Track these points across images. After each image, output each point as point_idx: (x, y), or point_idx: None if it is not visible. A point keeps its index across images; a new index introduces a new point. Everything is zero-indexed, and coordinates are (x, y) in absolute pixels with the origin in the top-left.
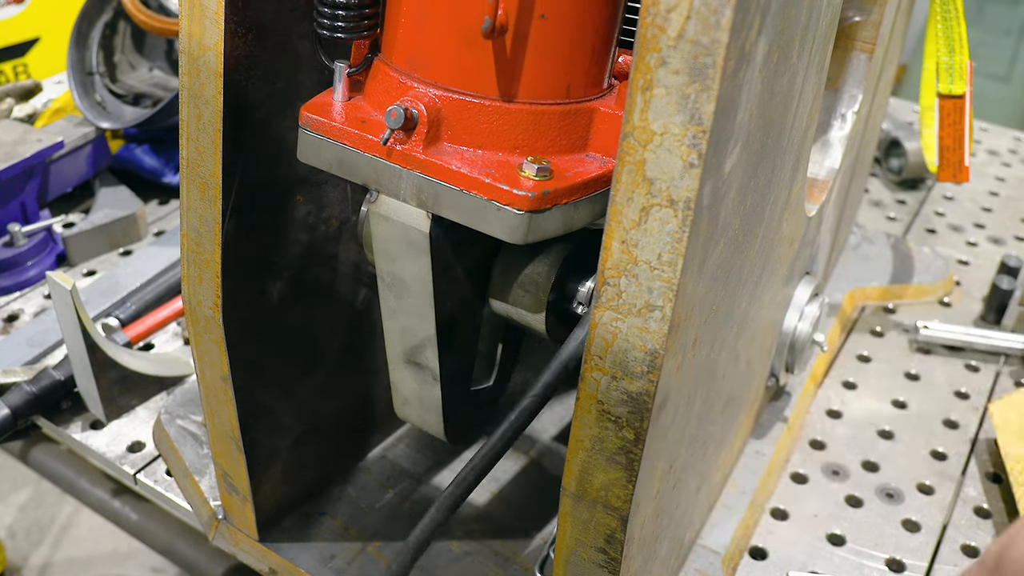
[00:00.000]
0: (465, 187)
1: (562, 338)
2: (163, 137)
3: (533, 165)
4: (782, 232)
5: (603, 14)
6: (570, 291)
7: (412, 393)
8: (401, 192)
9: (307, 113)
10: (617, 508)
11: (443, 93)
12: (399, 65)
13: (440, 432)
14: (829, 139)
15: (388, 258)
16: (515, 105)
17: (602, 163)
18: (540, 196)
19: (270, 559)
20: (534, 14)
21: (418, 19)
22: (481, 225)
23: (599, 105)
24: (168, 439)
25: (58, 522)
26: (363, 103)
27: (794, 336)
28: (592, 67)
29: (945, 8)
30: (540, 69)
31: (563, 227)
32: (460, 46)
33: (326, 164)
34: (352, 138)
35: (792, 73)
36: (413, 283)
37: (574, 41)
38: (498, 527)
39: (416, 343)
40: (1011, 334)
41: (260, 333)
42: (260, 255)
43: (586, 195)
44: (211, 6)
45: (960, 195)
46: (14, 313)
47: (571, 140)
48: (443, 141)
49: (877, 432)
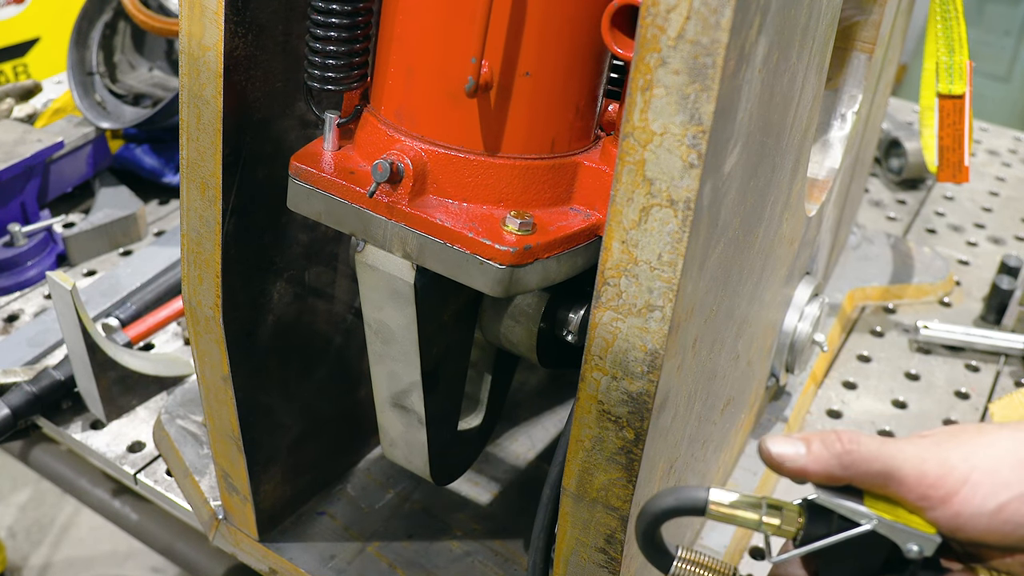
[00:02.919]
0: (448, 240)
1: (553, 365)
2: (163, 137)
3: (516, 220)
4: (782, 232)
5: (588, 70)
6: (561, 318)
7: (399, 435)
8: (387, 243)
9: (296, 163)
10: (617, 508)
11: (429, 147)
12: (387, 118)
13: (426, 473)
14: (829, 139)
15: (374, 306)
16: (499, 160)
17: (586, 216)
18: (521, 251)
19: (270, 559)
20: (518, 71)
21: (405, 75)
22: (463, 277)
23: (584, 159)
24: (168, 439)
25: (58, 522)
26: (352, 152)
27: (794, 336)
28: (577, 122)
29: (945, 8)
30: (524, 125)
31: (545, 280)
32: (446, 102)
33: (315, 214)
34: (340, 189)
35: (792, 73)
36: (399, 330)
37: (558, 97)
38: (498, 527)
39: (402, 388)
40: (1011, 334)
41: (260, 333)
42: (260, 255)
43: (569, 248)
44: (211, 6)
45: (960, 195)
46: (14, 313)
47: (555, 193)
48: (428, 194)
49: (877, 432)
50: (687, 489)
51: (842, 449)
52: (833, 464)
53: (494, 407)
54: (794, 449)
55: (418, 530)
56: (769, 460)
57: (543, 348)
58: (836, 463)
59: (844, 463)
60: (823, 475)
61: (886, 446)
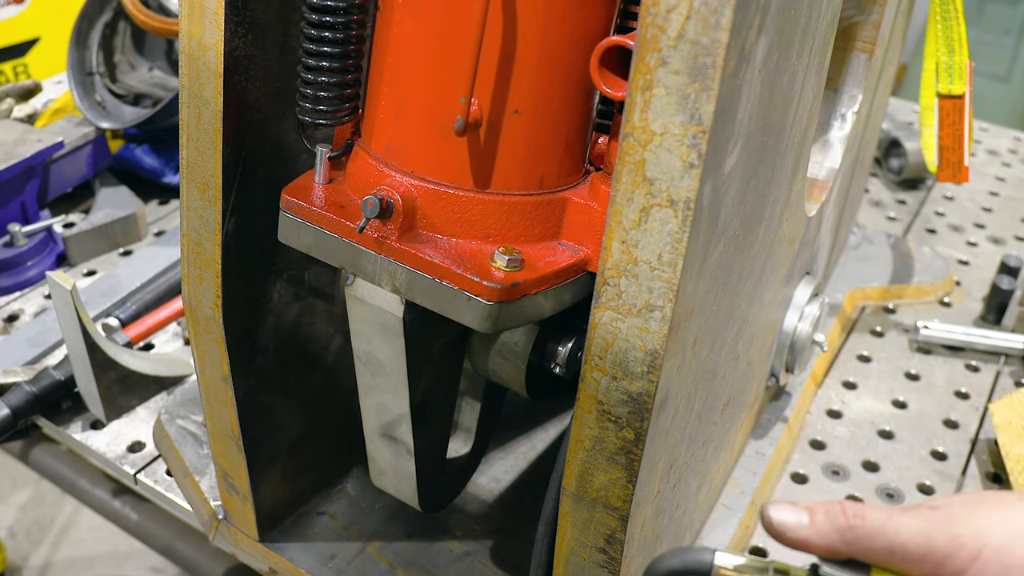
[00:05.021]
0: (437, 276)
1: (542, 396)
2: (163, 137)
3: (504, 256)
4: (782, 232)
5: (577, 107)
6: (550, 351)
7: (387, 465)
8: (376, 277)
9: (287, 196)
10: (617, 508)
11: (419, 182)
12: (377, 153)
13: (415, 502)
14: (829, 139)
15: (364, 338)
16: (488, 196)
17: (574, 252)
18: (509, 288)
19: (270, 559)
20: (508, 110)
21: (395, 112)
22: (451, 313)
23: (572, 195)
24: (168, 439)
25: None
26: (343, 186)
27: (794, 336)
28: (565, 158)
29: (945, 8)
30: (513, 161)
31: (533, 316)
32: (435, 139)
33: (305, 247)
34: (330, 223)
35: (792, 73)
36: (388, 363)
37: (547, 134)
38: (498, 527)
39: (391, 419)
40: (1011, 334)
41: (260, 333)
42: (260, 255)
43: (556, 284)
44: (211, 6)
45: (960, 195)
46: (14, 313)
47: (544, 229)
48: (418, 229)
49: (877, 432)
50: (692, 551)
51: (846, 524)
52: (836, 539)
53: (483, 435)
54: (796, 519)
55: (418, 530)
56: (770, 528)
57: (532, 382)
58: (839, 538)
59: (847, 539)
60: (825, 549)
61: (891, 520)
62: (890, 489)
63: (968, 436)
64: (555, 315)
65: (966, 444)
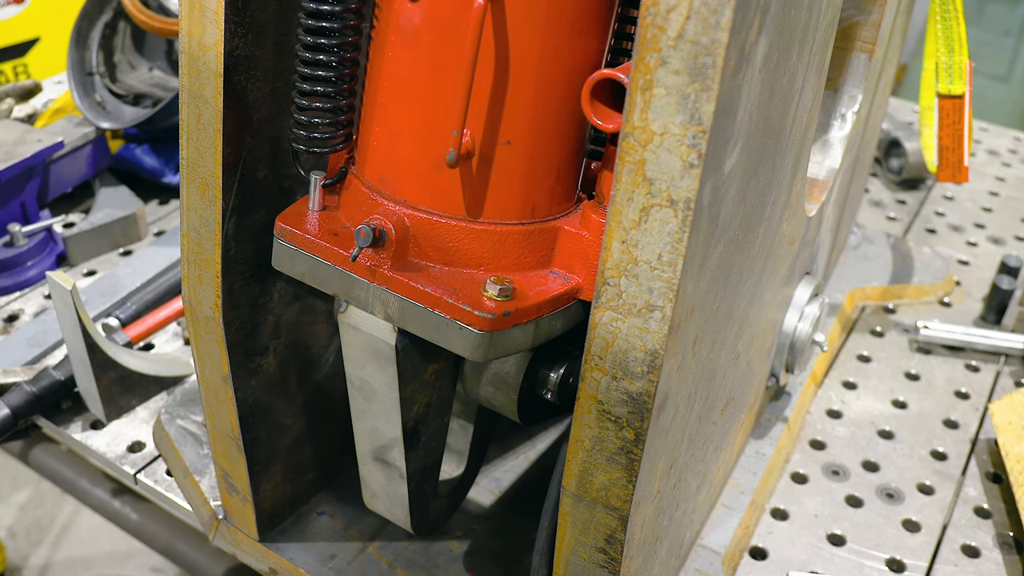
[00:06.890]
0: (429, 305)
1: (535, 421)
2: (163, 137)
3: (495, 286)
4: (782, 232)
5: (568, 138)
6: (541, 378)
7: (380, 488)
8: (369, 305)
9: (281, 224)
10: (617, 508)
11: (411, 211)
12: (371, 181)
13: (407, 525)
14: (829, 139)
15: (357, 364)
16: (480, 225)
17: (565, 280)
18: (500, 317)
19: (270, 559)
20: (499, 141)
21: (388, 141)
22: (443, 342)
23: (564, 224)
24: (168, 439)
25: (58, 522)
26: (337, 213)
27: (794, 336)
28: (557, 187)
29: (945, 8)
30: (505, 191)
31: (524, 344)
32: (428, 169)
33: (299, 274)
34: (323, 251)
35: (792, 73)
36: (380, 389)
37: (539, 165)
38: (498, 527)
39: (384, 443)
40: (1011, 334)
41: (260, 333)
42: (260, 255)
43: (548, 312)
44: (211, 6)
45: (960, 195)
46: (14, 313)
47: (535, 258)
48: (410, 257)
49: (877, 432)
50: None
51: None
52: None
53: (475, 457)
54: None
55: None
56: None
57: (524, 408)
58: None
59: None
60: None
61: None
62: (890, 489)
63: (968, 436)
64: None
65: (966, 444)
